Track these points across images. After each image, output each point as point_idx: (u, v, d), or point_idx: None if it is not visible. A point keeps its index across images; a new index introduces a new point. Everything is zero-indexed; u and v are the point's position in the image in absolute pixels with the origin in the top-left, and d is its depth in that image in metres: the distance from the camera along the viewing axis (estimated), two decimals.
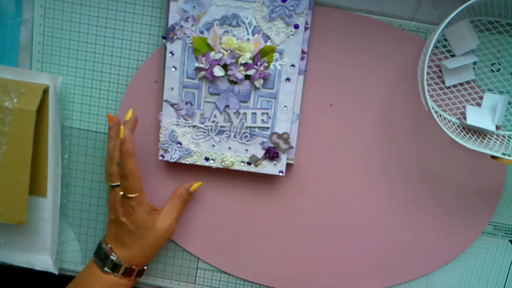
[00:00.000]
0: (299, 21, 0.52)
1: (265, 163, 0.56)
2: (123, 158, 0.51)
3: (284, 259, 0.60)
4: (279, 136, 0.55)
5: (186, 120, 0.55)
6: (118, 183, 0.54)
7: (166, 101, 0.55)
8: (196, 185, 0.57)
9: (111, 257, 0.55)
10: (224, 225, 0.60)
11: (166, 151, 0.56)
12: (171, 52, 0.53)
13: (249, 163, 0.56)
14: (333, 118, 0.56)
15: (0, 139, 0.55)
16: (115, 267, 0.55)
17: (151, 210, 0.55)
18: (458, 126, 0.54)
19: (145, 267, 0.59)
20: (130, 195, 0.53)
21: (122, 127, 0.51)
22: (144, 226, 0.54)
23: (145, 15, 0.55)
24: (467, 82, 0.54)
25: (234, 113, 0.54)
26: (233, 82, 0.54)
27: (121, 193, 0.53)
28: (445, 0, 0.53)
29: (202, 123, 0.55)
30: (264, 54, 0.53)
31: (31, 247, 0.61)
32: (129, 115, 0.53)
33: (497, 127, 0.54)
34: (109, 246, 0.56)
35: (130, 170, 0.52)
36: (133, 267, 0.56)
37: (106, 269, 0.55)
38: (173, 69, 0.54)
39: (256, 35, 0.52)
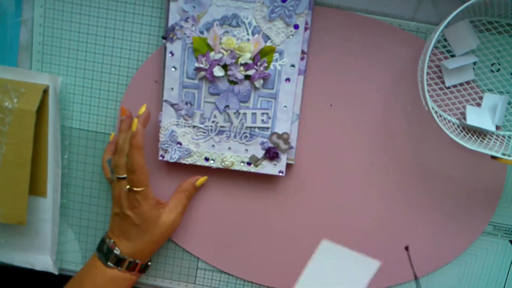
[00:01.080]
0: (299, 21, 0.52)
1: (265, 163, 0.56)
2: (132, 151, 0.52)
3: (284, 259, 0.60)
4: (279, 136, 0.55)
5: (186, 120, 0.55)
6: (125, 175, 0.54)
7: (166, 101, 0.55)
8: (201, 179, 0.57)
9: (115, 251, 0.55)
10: (224, 225, 0.60)
11: (166, 151, 0.56)
12: (171, 52, 0.53)
13: (249, 163, 0.56)
14: (333, 118, 0.56)
15: (0, 139, 0.55)
16: (118, 262, 0.55)
17: (156, 204, 0.55)
18: (458, 126, 0.54)
19: (149, 263, 0.59)
20: (136, 189, 0.53)
21: (135, 120, 0.52)
22: (149, 219, 0.54)
23: (145, 15, 0.55)
24: (467, 82, 0.54)
25: (234, 113, 0.54)
26: (233, 82, 0.54)
27: (127, 186, 0.53)
28: (445, 0, 0.53)
29: (202, 123, 0.55)
30: (264, 54, 0.53)
31: (31, 247, 0.61)
32: (142, 109, 0.53)
33: (497, 127, 0.54)
34: (112, 240, 0.56)
35: (137, 164, 0.52)
36: (137, 261, 0.56)
37: (109, 263, 0.55)
38: (173, 69, 0.54)
39: (256, 35, 0.52)
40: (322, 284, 0.46)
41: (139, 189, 0.53)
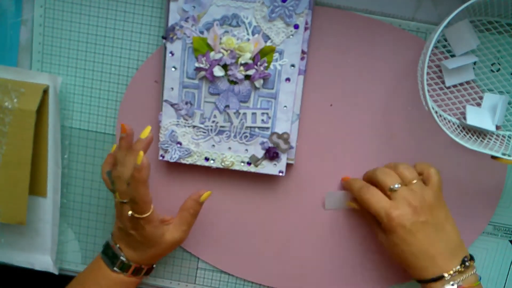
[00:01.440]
0: (299, 21, 0.52)
1: (265, 163, 0.56)
2: (136, 184, 0.49)
3: (284, 259, 0.60)
4: (279, 136, 0.55)
5: (186, 120, 0.55)
6: (127, 200, 0.51)
7: (166, 101, 0.55)
8: (205, 194, 0.55)
9: (121, 257, 0.54)
10: (224, 225, 0.60)
11: (166, 151, 0.56)
12: (171, 52, 0.53)
13: (249, 163, 0.56)
14: (333, 118, 0.56)
15: (0, 139, 0.55)
16: (124, 267, 0.55)
17: (160, 224, 0.54)
18: (458, 126, 0.54)
19: (154, 265, 0.58)
20: (139, 216, 0.51)
21: (141, 153, 0.49)
22: (153, 239, 0.53)
23: (145, 15, 0.55)
24: (467, 82, 0.54)
25: (234, 113, 0.54)
26: (233, 82, 0.54)
27: (130, 212, 0.52)
28: (445, 0, 0.53)
29: (202, 123, 0.55)
30: (264, 54, 0.53)
31: (31, 247, 0.61)
32: (146, 133, 0.51)
33: (497, 127, 0.54)
34: (118, 245, 0.55)
35: (141, 196, 0.50)
36: (143, 266, 0.56)
37: (115, 268, 0.55)
38: (173, 69, 0.54)
39: (256, 35, 0.52)
40: None
41: (142, 216, 0.51)
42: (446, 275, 0.49)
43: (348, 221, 0.59)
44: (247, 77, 0.53)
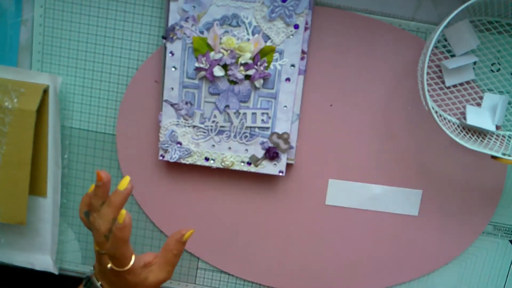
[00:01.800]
0: (299, 21, 0.52)
1: (265, 163, 0.56)
2: (117, 242, 0.47)
3: (284, 259, 0.60)
4: (279, 136, 0.55)
5: (186, 120, 0.55)
6: (106, 252, 0.49)
7: (166, 101, 0.55)
8: (188, 234, 0.53)
9: None
10: (224, 225, 0.60)
11: (166, 151, 0.56)
12: (171, 52, 0.53)
13: (249, 163, 0.56)
14: (333, 118, 0.56)
15: (0, 139, 0.55)
16: None
17: (142, 268, 0.51)
18: (458, 126, 0.54)
19: None
20: (119, 269, 0.49)
21: (124, 211, 0.47)
22: (136, 284, 0.51)
23: (145, 15, 0.55)
24: (467, 82, 0.54)
25: (234, 113, 0.54)
26: (233, 82, 0.54)
27: (109, 265, 0.49)
28: (445, 0, 0.53)
29: (202, 123, 0.55)
30: (264, 54, 0.53)
31: (31, 247, 0.61)
32: (124, 184, 0.47)
33: (497, 127, 0.54)
34: (100, 283, 0.52)
35: (122, 253, 0.48)
36: None
37: None
38: (173, 69, 0.54)
39: (256, 35, 0.52)
40: None
41: (122, 269, 0.49)
42: None
43: (348, 221, 0.59)
44: (247, 77, 0.53)
